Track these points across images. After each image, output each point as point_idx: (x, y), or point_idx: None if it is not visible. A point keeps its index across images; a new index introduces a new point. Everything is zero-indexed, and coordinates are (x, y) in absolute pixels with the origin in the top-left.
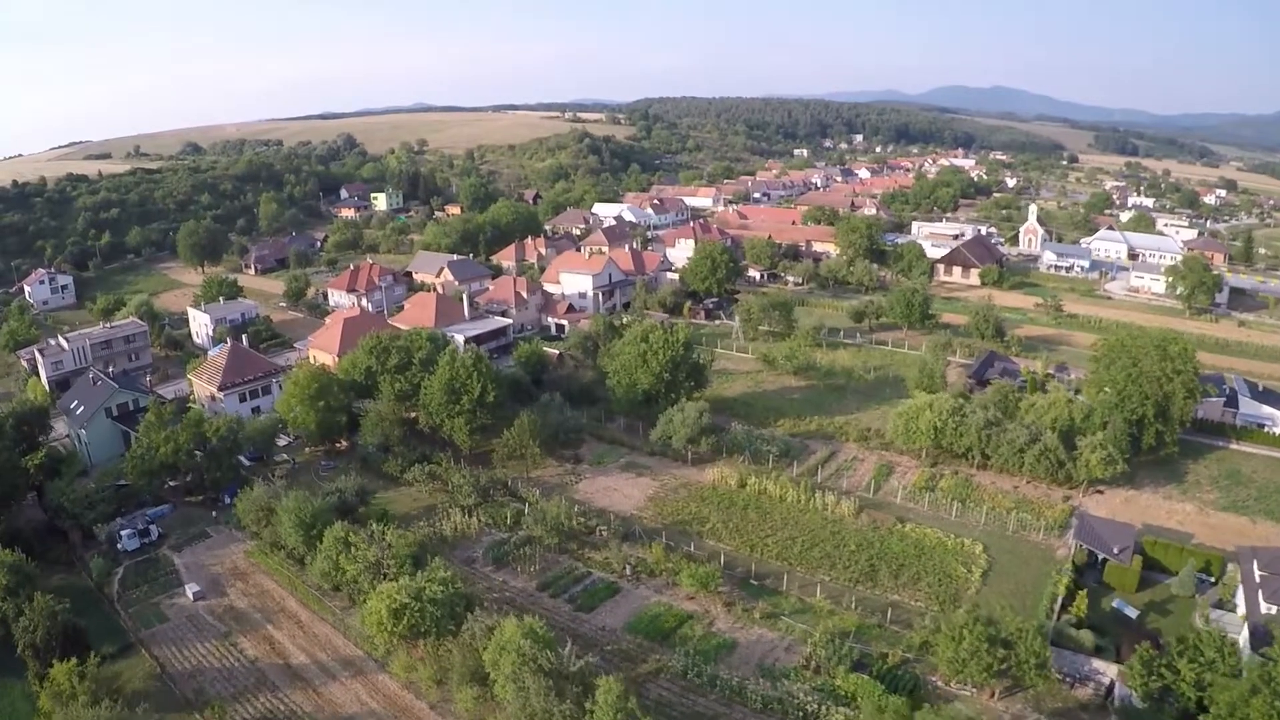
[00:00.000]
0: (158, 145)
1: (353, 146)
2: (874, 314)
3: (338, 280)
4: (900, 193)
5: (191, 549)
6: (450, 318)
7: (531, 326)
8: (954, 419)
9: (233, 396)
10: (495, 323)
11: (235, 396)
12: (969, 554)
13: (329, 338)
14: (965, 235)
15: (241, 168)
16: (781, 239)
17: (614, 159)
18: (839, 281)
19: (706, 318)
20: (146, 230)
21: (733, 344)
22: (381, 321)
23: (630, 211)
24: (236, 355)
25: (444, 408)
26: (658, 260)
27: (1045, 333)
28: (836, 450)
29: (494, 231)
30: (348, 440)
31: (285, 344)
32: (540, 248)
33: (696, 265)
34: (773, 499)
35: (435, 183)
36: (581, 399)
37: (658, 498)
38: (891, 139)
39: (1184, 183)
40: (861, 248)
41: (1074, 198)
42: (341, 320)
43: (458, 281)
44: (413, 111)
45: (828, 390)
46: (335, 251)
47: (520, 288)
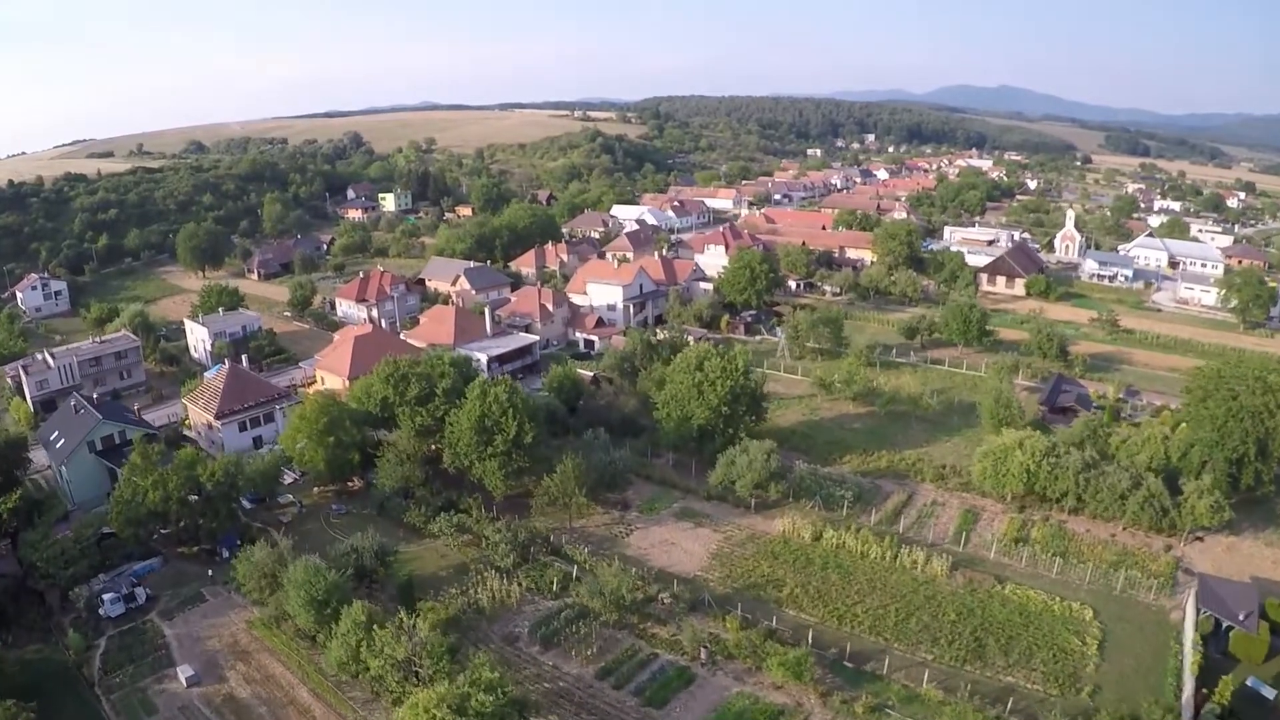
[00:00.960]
0: (161, 144)
1: (359, 145)
2: (927, 330)
3: (346, 289)
4: (925, 195)
5: (184, 616)
6: (470, 334)
7: (558, 342)
8: (1048, 461)
9: (231, 426)
10: (520, 340)
11: (234, 425)
12: (1079, 621)
13: (338, 358)
14: (999, 241)
15: (245, 167)
16: (814, 245)
17: (627, 158)
18: (880, 292)
19: (746, 332)
20: (145, 232)
21: (779, 362)
22: (396, 340)
23: (651, 214)
24: (236, 378)
25: (474, 449)
26: (690, 269)
27: (1102, 350)
28: (913, 493)
29: (510, 235)
30: (361, 479)
31: (290, 360)
32: (562, 254)
33: (734, 275)
34: (853, 555)
35: (445, 182)
36: (623, 430)
37: (723, 554)
38: (904, 139)
39: (1201, 184)
40: (902, 256)
41: (1097, 200)
42: (352, 338)
43: (474, 290)
44: (419, 110)
45: (890, 419)
46: (342, 255)
47: (545, 300)
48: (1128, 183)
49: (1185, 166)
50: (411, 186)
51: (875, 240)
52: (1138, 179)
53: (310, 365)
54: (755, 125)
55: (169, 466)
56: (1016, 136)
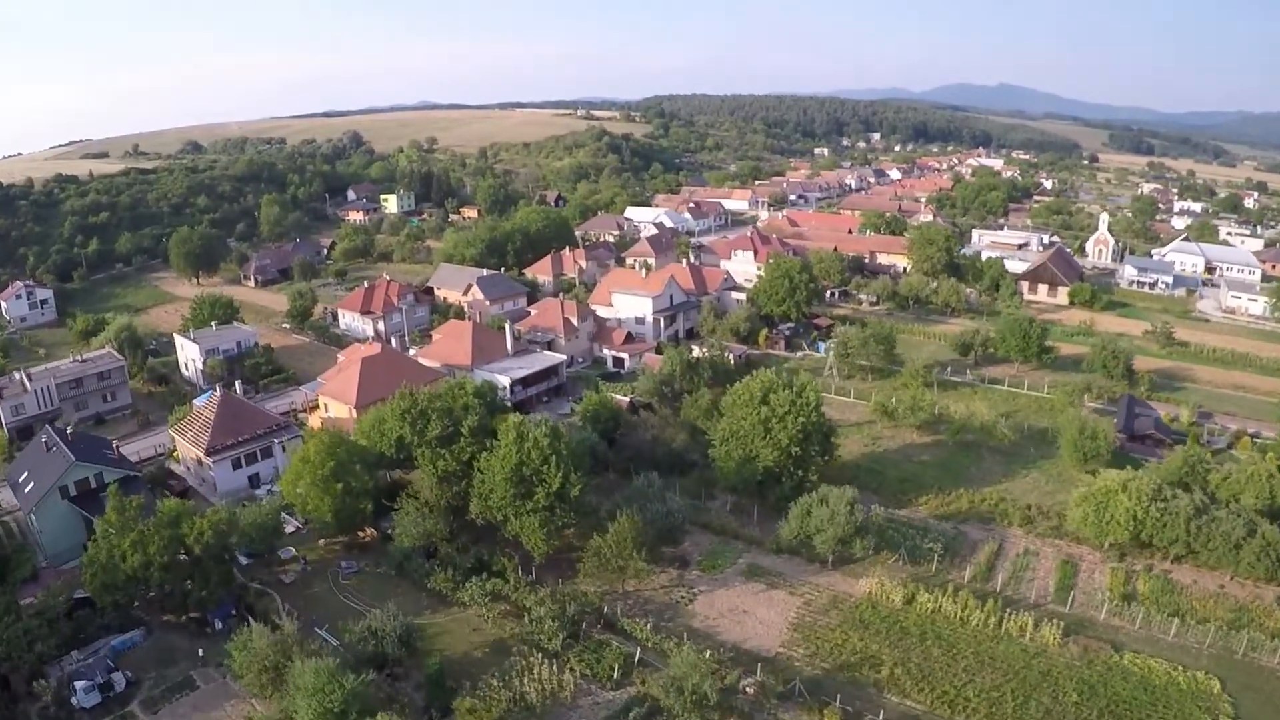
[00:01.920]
0: (158, 144)
1: (359, 145)
2: (980, 345)
3: (350, 299)
4: (944, 196)
5: (171, 708)
6: (489, 352)
7: (583, 359)
8: (1156, 506)
9: (224, 463)
10: (545, 359)
11: (227, 463)
12: (1206, 694)
13: (344, 383)
14: (1030, 245)
15: (242, 167)
16: (844, 250)
17: (635, 158)
18: (919, 301)
19: (787, 347)
20: (138, 236)
21: (826, 381)
22: (408, 362)
23: (668, 216)
24: (229, 409)
25: (510, 503)
26: (720, 277)
27: (1160, 365)
28: (1003, 541)
29: (523, 240)
30: (375, 529)
31: (289, 380)
32: (580, 260)
33: (772, 285)
34: (951, 621)
35: (449, 183)
36: (669, 466)
37: (804, 624)
38: (909, 138)
39: (1212, 184)
40: (940, 263)
41: (1114, 201)
42: (359, 360)
43: (488, 301)
44: (418, 109)
45: (959, 449)
46: (343, 260)
47: (569, 313)
48: (1141, 183)
49: (1190, 165)
50: (414, 187)
51: (911, 246)
52: (1150, 179)
53: (312, 389)
54: (760, 124)
55: (150, 521)
56: (1021, 135)
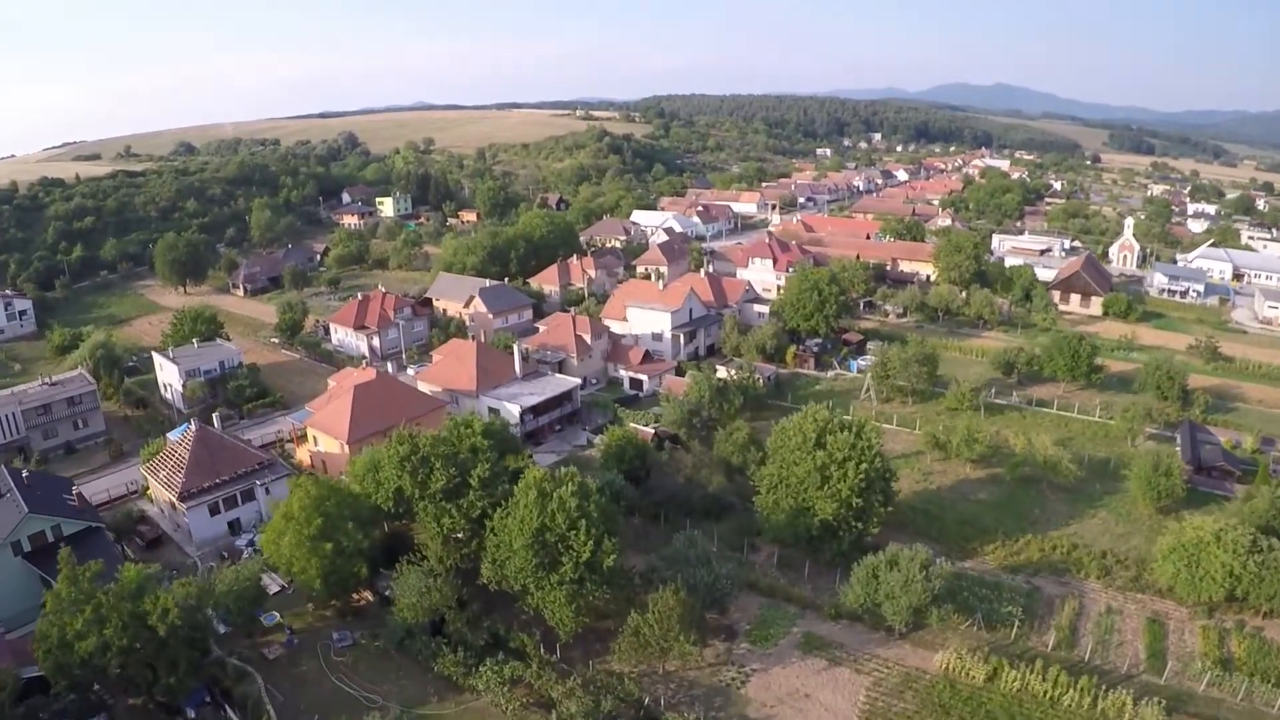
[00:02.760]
0: (151, 146)
1: (355, 146)
2: (1024, 363)
3: (343, 313)
4: (957, 198)
5: None
6: (495, 376)
7: (597, 380)
8: (1254, 560)
9: (200, 509)
10: (558, 384)
11: (203, 509)
12: None
13: (335, 414)
14: (1053, 251)
15: (233, 170)
16: (866, 257)
17: (636, 159)
18: (949, 313)
19: (816, 366)
20: (123, 242)
21: (863, 405)
22: (405, 390)
23: (677, 221)
24: (205, 446)
25: (530, 573)
26: (741, 289)
27: (1207, 383)
28: (1082, 598)
29: (526, 246)
30: (372, 590)
31: (277, 404)
32: (589, 269)
33: (799, 298)
34: (1040, 701)
35: (447, 185)
36: (702, 509)
37: (877, 710)
38: (911, 138)
39: (1217, 184)
40: (969, 271)
41: (1124, 203)
42: (352, 389)
43: (491, 314)
44: (414, 110)
45: (1018, 485)
46: (337, 267)
47: (582, 329)
48: (1148, 184)
49: (1192, 165)
50: (411, 190)
51: (937, 253)
52: (1157, 179)
53: (300, 417)
54: (761, 124)
55: (109, 592)
56: (1021, 135)
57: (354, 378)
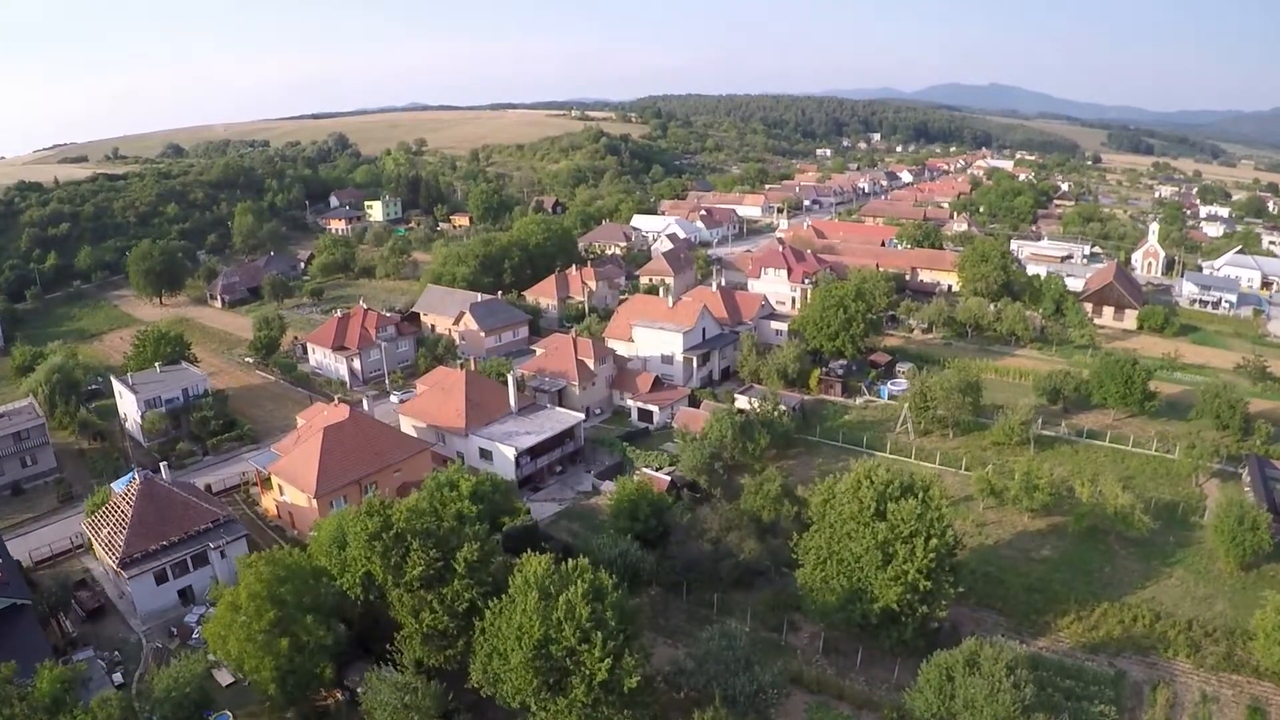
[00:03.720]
0: (140, 147)
1: (345, 147)
2: (1072, 389)
3: (320, 332)
4: (968, 201)
5: None
6: (487, 409)
7: (601, 410)
8: None
9: (144, 578)
10: (558, 419)
11: (149, 577)
12: None
13: (302, 461)
14: (1074, 258)
15: (217, 173)
16: (885, 266)
17: (634, 160)
18: (979, 329)
19: (844, 392)
20: (99, 250)
21: (898, 438)
22: (383, 432)
23: (680, 226)
24: (151, 502)
25: (532, 690)
26: (758, 304)
27: (1259, 407)
28: (1175, 687)
29: (521, 255)
30: (341, 689)
31: (244, 439)
32: (589, 280)
33: (823, 316)
34: None
35: (438, 188)
36: (732, 578)
37: None
38: (910, 138)
39: (1220, 185)
40: (996, 282)
41: (1134, 204)
42: (321, 433)
43: (483, 332)
44: (408, 111)
45: (1083, 540)
46: (321, 277)
47: (584, 353)
48: (1155, 185)
49: (1192, 165)
50: (401, 193)
51: (962, 263)
52: (1162, 180)
53: (266, 462)
54: (760, 124)
55: (16, 703)
56: (1020, 136)
57: (324, 417)
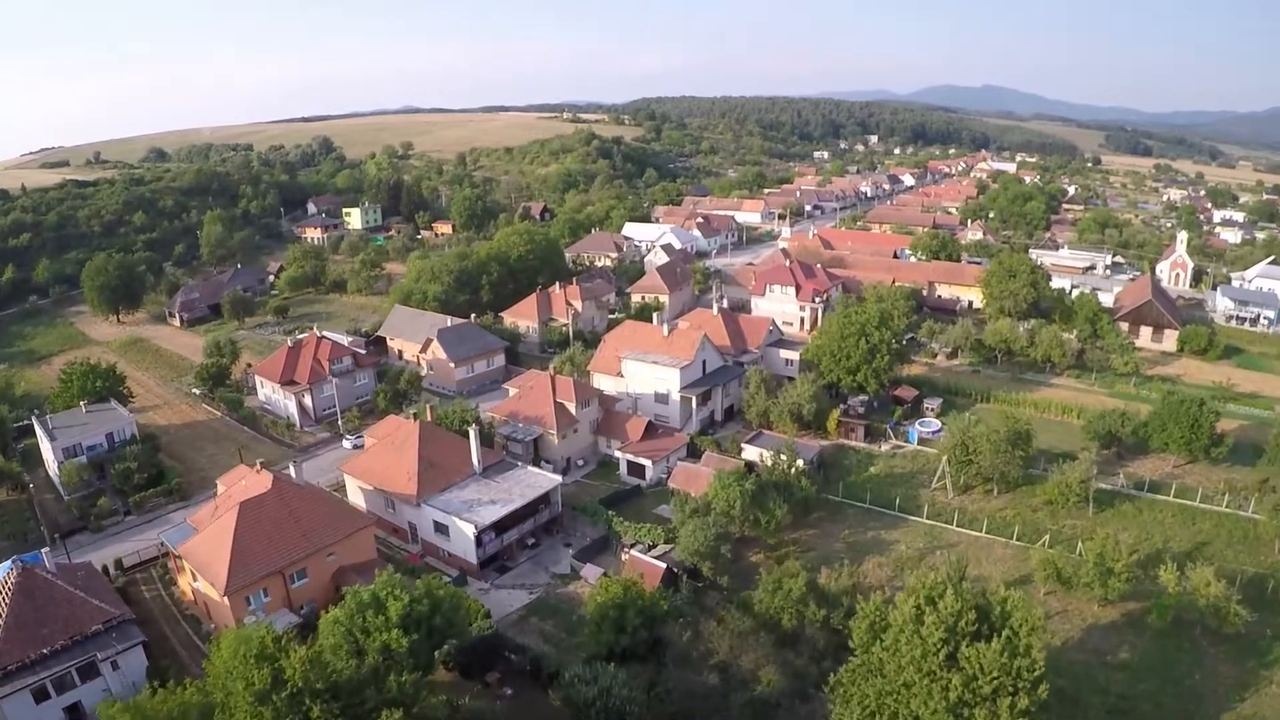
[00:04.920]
0: (124, 151)
1: (330, 151)
2: (1130, 433)
3: (269, 364)
4: (977, 206)
5: None
6: (445, 469)
7: (584, 462)
8: None
9: (21, 696)
10: (530, 483)
11: (26, 694)
12: None
13: (213, 545)
14: (1096, 268)
15: (190, 178)
16: (901, 281)
17: (627, 163)
18: (1010, 353)
19: (866, 436)
20: (60, 262)
21: (933, 495)
22: (315, 504)
23: (675, 235)
24: (29, 600)
25: None
26: (765, 329)
27: None
28: None
29: (501, 269)
30: None
31: (174, 494)
32: (574, 300)
33: (842, 345)
34: None
35: (420, 193)
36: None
37: None
38: (907, 139)
39: (1225, 187)
40: (1026, 300)
41: (1143, 208)
42: (237, 510)
43: (453, 362)
44: (400, 114)
45: (1167, 637)
46: (289, 291)
47: (564, 395)
48: (1161, 188)
49: (1192, 167)
50: (381, 199)
51: (987, 279)
52: (1167, 183)
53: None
54: (756, 126)
55: None
56: (1017, 137)
57: (245, 485)
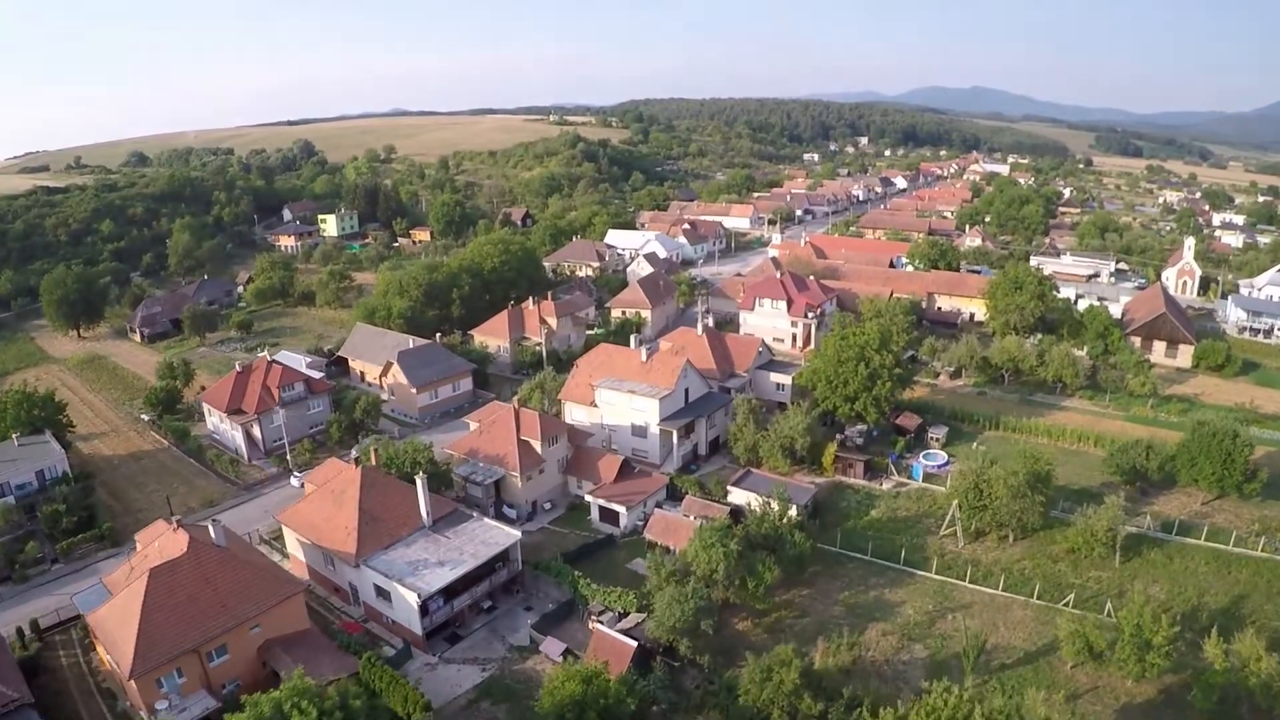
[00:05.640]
0: (106, 155)
1: (311, 154)
2: (1157, 468)
3: (216, 390)
4: (973, 210)
5: None
6: (390, 524)
7: (550, 504)
8: None
9: None
10: (487, 539)
11: None
12: None
13: (121, 618)
14: (1100, 276)
15: (162, 184)
16: (899, 293)
17: (613, 167)
18: (1018, 372)
19: (866, 472)
20: (24, 273)
21: (941, 542)
22: (237, 572)
23: (660, 242)
24: None
25: None
26: (754, 351)
27: None
28: None
29: (474, 282)
30: None
31: (105, 539)
32: (549, 316)
33: (840, 369)
34: None
35: (399, 199)
36: None
37: None
38: (898, 141)
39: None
40: (1033, 314)
41: (1141, 211)
42: (146, 579)
43: (414, 387)
44: (388, 116)
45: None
46: (256, 304)
47: (529, 431)
48: (1155, 189)
49: (1183, 168)
50: (359, 205)
51: (992, 292)
52: (1161, 184)
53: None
54: (745, 128)
55: None
56: (1008, 138)
57: (160, 549)
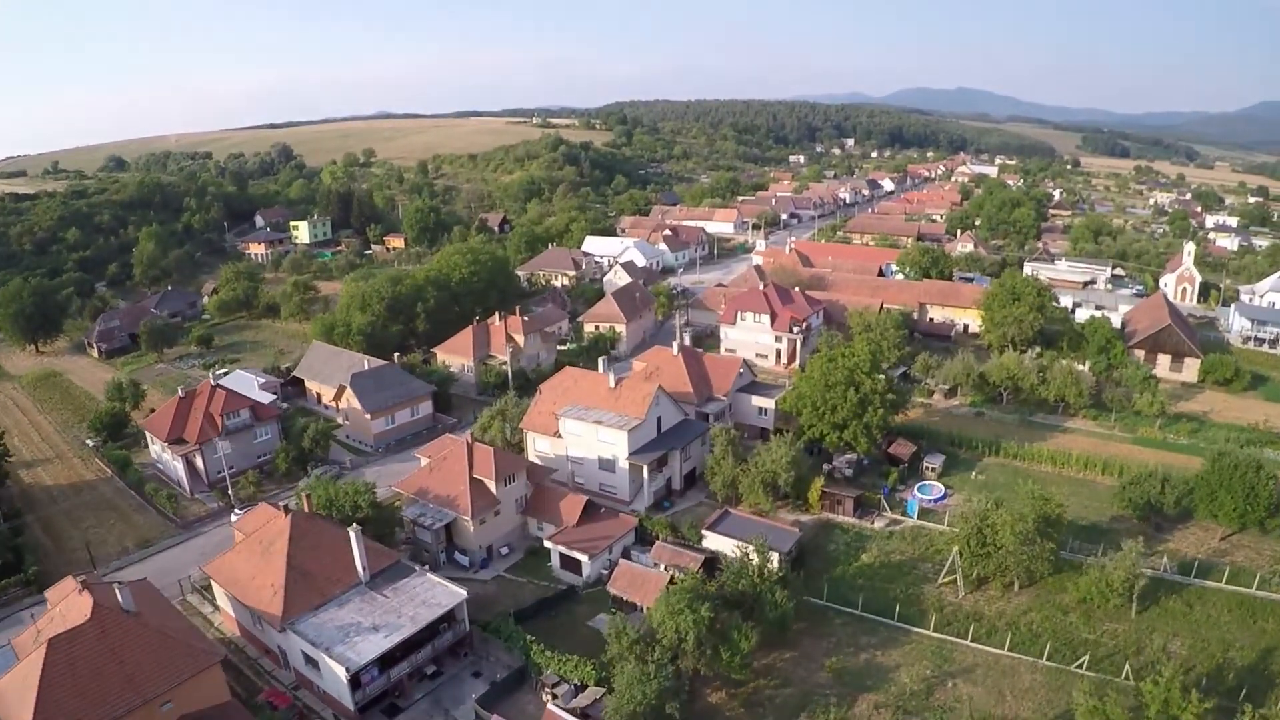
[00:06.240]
0: (84, 160)
1: (289, 159)
2: (1172, 500)
3: (157, 417)
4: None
5: None
6: (320, 581)
7: (508, 548)
8: None
9: None
10: (429, 598)
11: None
12: None
13: (19, 693)
14: (1097, 282)
15: (131, 191)
16: (887, 303)
17: (595, 170)
18: (1017, 391)
19: (856, 510)
20: None
21: (940, 591)
22: (145, 643)
23: (639, 250)
24: None
25: None
26: (734, 372)
27: None
28: None
29: (440, 294)
30: None
31: (32, 584)
32: (515, 333)
33: (828, 395)
34: None
35: (373, 205)
36: None
37: None
38: (885, 143)
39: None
40: (1032, 327)
41: (1131, 213)
42: (43, 651)
43: (369, 413)
44: (371, 119)
45: None
46: (219, 317)
47: (483, 469)
48: (1145, 190)
49: (1170, 168)
50: (332, 211)
51: (988, 303)
52: (1151, 185)
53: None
54: (730, 130)
55: None
56: (994, 139)
57: (62, 616)
